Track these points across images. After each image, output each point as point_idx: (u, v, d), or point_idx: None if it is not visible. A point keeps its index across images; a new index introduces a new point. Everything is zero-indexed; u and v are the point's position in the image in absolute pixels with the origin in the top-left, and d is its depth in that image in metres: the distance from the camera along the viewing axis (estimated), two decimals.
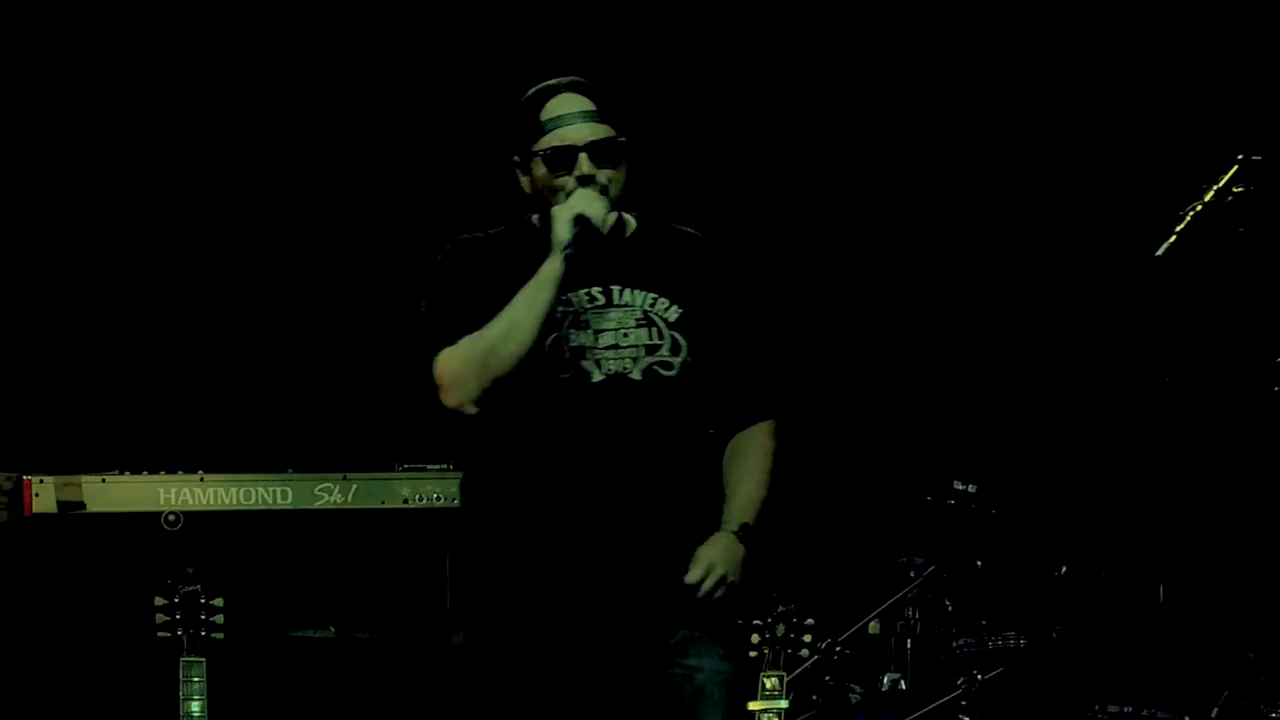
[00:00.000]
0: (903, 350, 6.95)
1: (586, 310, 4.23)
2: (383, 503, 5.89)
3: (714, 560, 4.23)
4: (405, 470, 5.93)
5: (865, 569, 6.21)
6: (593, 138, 4.20)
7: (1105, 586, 5.90)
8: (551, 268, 4.13)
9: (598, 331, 4.23)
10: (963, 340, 6.93)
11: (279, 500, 5.84)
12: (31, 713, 6.31)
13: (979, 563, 5.96)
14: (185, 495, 5.79)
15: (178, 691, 5.39)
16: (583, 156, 4.19)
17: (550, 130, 4.19)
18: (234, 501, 5.81)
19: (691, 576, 4.22)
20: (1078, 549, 6.02)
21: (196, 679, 5.41)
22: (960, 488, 5.98)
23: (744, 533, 4.27)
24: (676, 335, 4.25)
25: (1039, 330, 6.85)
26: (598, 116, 4.21)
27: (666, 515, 4.21)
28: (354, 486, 5.88)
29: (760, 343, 4.36)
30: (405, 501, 5.90)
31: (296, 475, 5.85)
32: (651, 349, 4.23)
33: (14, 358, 6.54)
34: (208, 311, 6.73)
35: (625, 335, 4.24)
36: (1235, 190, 5.63)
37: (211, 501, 5.80)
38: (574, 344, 4.20)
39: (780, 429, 4.35)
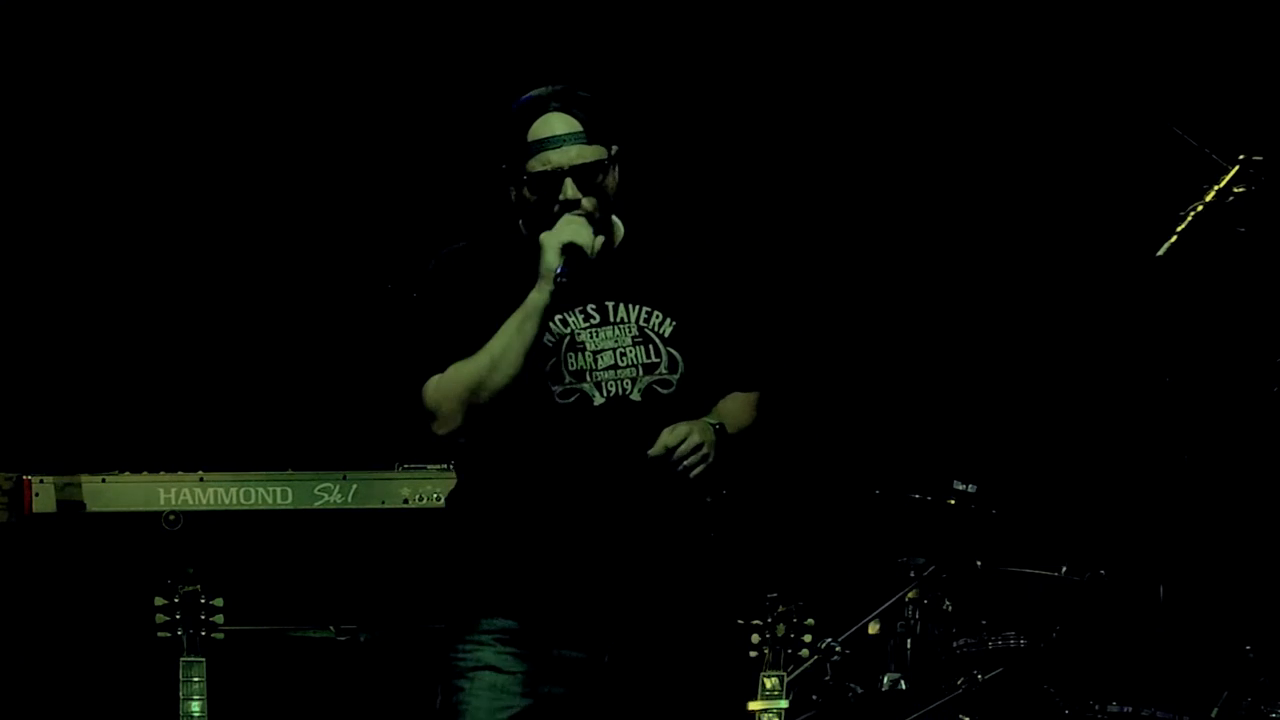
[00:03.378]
0: (902, 350, 6.95)
1: (582, 330, 4.21)
2: (383, 503, 5.89)
3: (689, 430, 4.17)
4: (405, 470, 5.93)
5: (865, 569, 6.21)
6: (579, 161, 4.14)
7: (1105, 586, 5.91)
8: (539, 298, 4.09)
9: (595, 353, 4.20)
10: (963, 340, 6.93)
11: (279, 500, 5.84)
12: (32, 713, 6.31)
13: (979, 563, 5.97)
14: (185, 495, 5.79)
15: (178, 691, 5.39)
16: (568, 182, 4.13)
17: (536, 153, 4.13)
18: (234, 501, 5.81)
19: (666, 441, 4.15)
20: (1078, 549, 6.03)
21: (196, 679, 5.41)
22: (960, 488, 5.98)
23: (720, 428, 4.22)
24: (673, 351, 4.22)
25: (1040, 330, 6.85)
26: (585, 137, 4.15)
27: (668, 533, 4.20)
28: (354, 486, 5.88)
29: (752, 335, 4.34)
30: (405, 501, 5.90)
31: (296, 475, 5.86)
32: (650, 368, 4.21)
33: (14, 358, 6.54)
34: (208, 311, 6.73)
35: (623, 355, 4.21)
36: (1235, 190, 5.64)
37: (211, 501, 5.80)
38: (573, 368, 4.18)
39: (763, 402, 4.35)
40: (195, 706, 5.39)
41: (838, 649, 5.84)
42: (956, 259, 6.97)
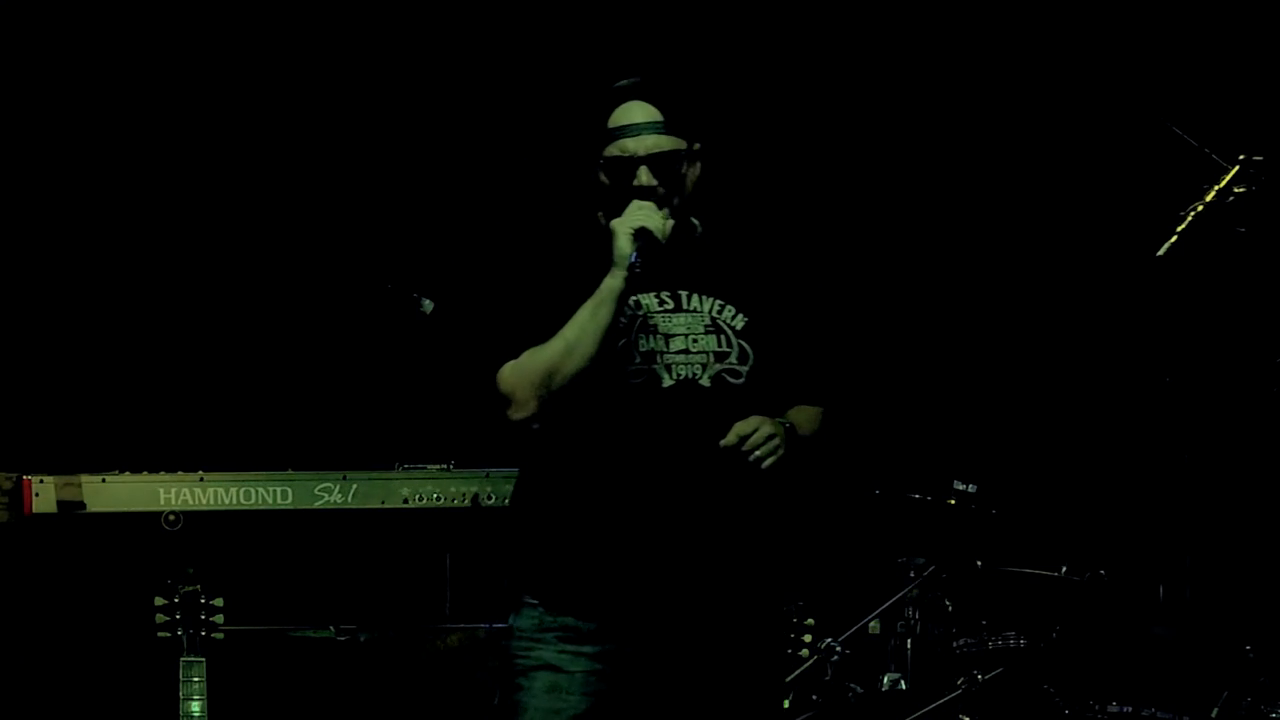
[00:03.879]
0: (902, 350, 6.95)
1: (655, 314, 4.21)
2: (383, 503, 5.89)
3: (761, 421, 4.16)
4: (405, 470, 5.93)
5: (865, 569, 6.21)
6: (655, 150, 4.15)
7: (1105, 586, 5.90)
8: (613, 283, 4.10)
9: (667, 336, 4.20)
10: (963, 340, 6.92)
11: (279, 500, 5.83)
12: (32, 712, 6.31)
13: (979, 563, 5.96)
14: (185, 495, 5.79)
15: (178, 691, 5.39)
16: (643, 169, 4.14)
17: (614, 139, 4.15)
18: (234, 501, 5.81)
19: (739, 430, 4.16)
20: (1078, 549, 6.02)
21: (196, 679, 5.41)
22: (960, 488, 5.98)
23: (791, 427, 4.22)
24: (744, 344, 4.22)
25: (1040, 330, 6.85)
26: (664, 127, 4.15)
27: (735, 522, 4.20)
28: (354, 486, 5.88)
29: (822, 345, 4.35)
30: (405, 501, 5.89)
31: (296, 475, 5.85)
32: (720, 356, 4.21)
33: (13, 358, 6.54)
34: (207, 311, 6.73)
35: (694, 341, 4.22)
36: (1236, 190, 5.63)
37: (211, 501, 5.80)
38: (644, 349, 4.18)
39: (829, 419, 4.35)
40: (195, 706, 5.39)
41: (838, 649, 5.84)
42: (957, 259, 6.97)
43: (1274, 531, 6.17)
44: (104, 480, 5.78)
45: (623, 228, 4.10)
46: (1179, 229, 5.61)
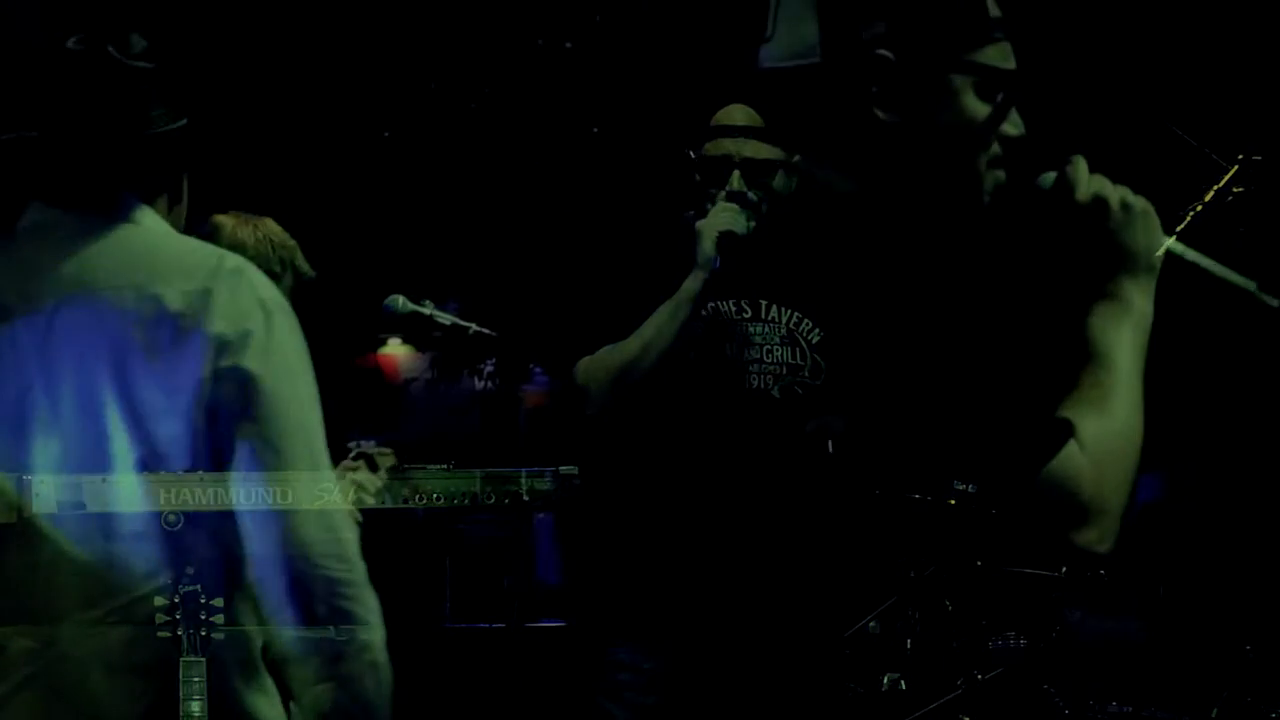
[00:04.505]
0: (902, 349, 6.95)
1: (733, 322, 4.23)
2: (383, 503, 5.89)
3: (829, 419, 4.19)
4: (405, 470, 5.93)
5: (865, 569, 6.22)
6: (750, 155, 4.19)
7: (1105, 586, 5.92)
8: (694, 285, 4.15)
9: (744, 345, 4.22)
10: (962, 340, 6.92)
11: (279, 500, 5.83)
12: (31, 712, 6.31)
13: (979, 563, 5.98)
14: (185, 495, 5.78)
15: (178, 691, 5.39)
16: (736, 174, 4.18)
17: (713, 138, 4.19)
18: (234, 502, 5.81)
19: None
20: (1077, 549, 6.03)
21: (196, 679, 5.40)
22: (960, 488, 5.98)
23: None
24: (819, 359, 4.25)
25: (1040, 329, 6.85)
26: (764, 134, 4.18)
27: (798, 534, 4.21)
28: (354, 487, 5.88)
29: (895, 363, 4.37)
30: (405, 501, 5.90)
31: (297, 475, 5.85)
32: (794, 369, 4.24)
33: None
34: None
35: (769, 352, 4.25)
36: (1235, 190, 5.64)
37: (211, 501, 5.79)
38: (718, 357, 4.20)
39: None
40: (195, 707, 5.38)
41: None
42: (956, 254, 6.97)
43: (1274, 531, 6.18)
44: (104, 480, 5.78)
45: (709, 230, 4.14)
46: (1178, 229, 5.62)
